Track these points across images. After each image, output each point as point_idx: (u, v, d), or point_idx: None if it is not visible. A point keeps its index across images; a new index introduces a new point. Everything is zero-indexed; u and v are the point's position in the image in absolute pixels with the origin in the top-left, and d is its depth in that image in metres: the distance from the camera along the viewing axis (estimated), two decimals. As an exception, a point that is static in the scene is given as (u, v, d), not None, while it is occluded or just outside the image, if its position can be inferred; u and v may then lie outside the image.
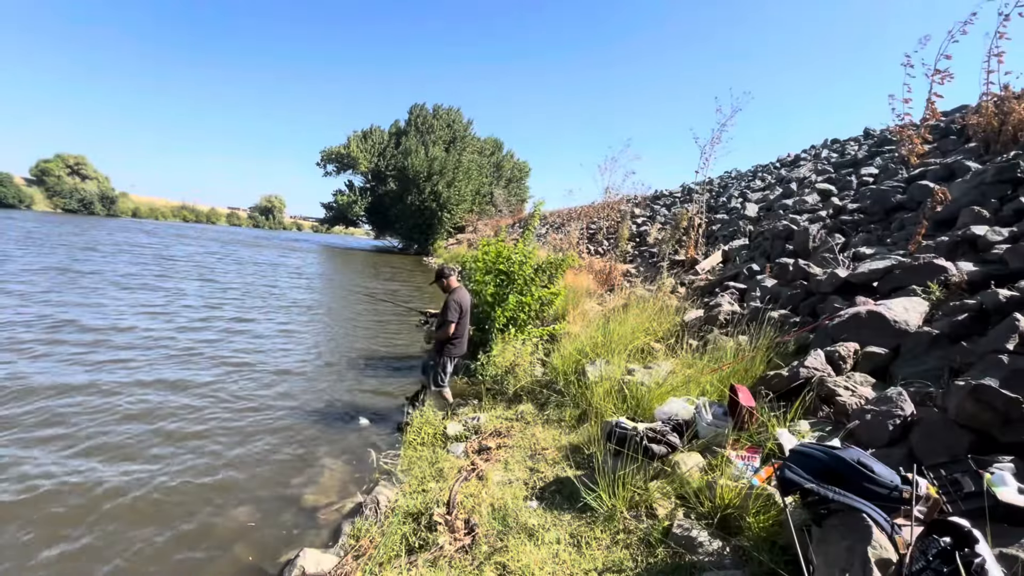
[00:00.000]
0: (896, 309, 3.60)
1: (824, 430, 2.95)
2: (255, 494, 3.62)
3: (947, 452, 2.28)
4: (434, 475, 3.70)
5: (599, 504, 2.82)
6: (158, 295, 10.60)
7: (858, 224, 6.46)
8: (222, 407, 5.03)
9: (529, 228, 8.15)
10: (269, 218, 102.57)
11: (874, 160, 9.21)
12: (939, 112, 7.21)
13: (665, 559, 2.37)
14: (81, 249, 17.72)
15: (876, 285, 4.42)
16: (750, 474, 2.58)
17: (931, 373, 2.99)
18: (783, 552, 2.16)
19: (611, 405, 4.07)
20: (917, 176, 6.56)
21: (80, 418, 4.46)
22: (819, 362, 3.49)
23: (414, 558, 2.71)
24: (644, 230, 14.64)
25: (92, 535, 3.02)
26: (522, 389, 5.42)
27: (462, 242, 33.39)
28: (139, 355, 6.33)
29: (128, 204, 71.54)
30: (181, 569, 2.84)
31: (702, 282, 7.84)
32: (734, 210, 12.05)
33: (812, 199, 8.47)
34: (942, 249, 4.39)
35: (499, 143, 51.58)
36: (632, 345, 5.31)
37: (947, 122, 8.55)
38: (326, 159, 43.83)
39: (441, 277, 5.21)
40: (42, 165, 61.21)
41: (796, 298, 5.11)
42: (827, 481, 1.99)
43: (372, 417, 5.16)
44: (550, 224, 23.54)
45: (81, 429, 4.28)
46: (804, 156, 15.33)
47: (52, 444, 3.98)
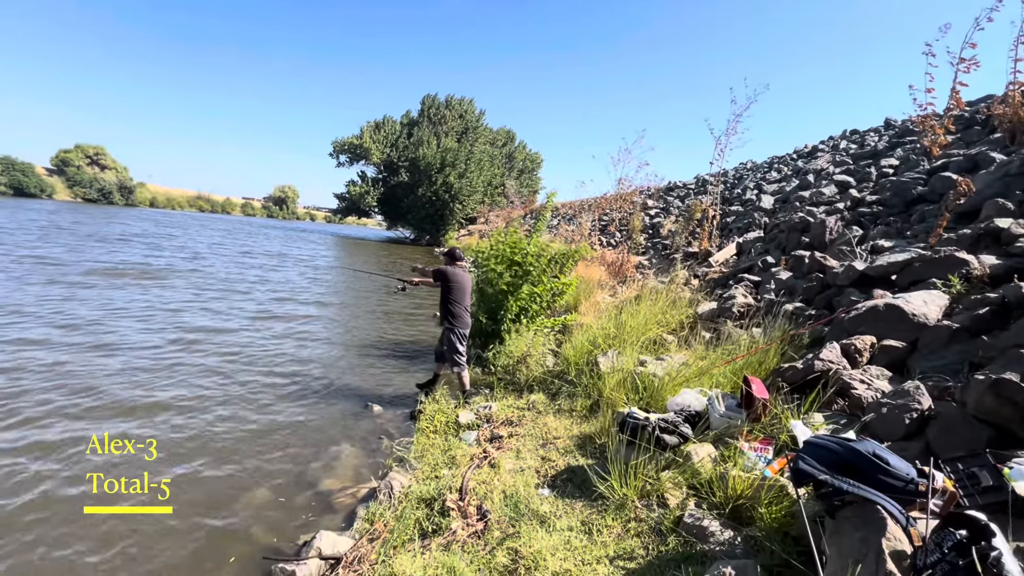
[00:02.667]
0: (915, 302, 3.54)
1: (839, 423, 2.93)
2: (272, 478, 3.69)
3: (965, 447, 2.26)
4: (447, 462, 3.75)
5: (611, 493, 2.84)
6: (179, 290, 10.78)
7: (877, 216, 6.35)
8: (237, 394, 5.12)
9: (541, 219, 8.13)
10: (283, 208, 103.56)
11: (895, 151, 9.02)
12: (963, 102, 7.01)
13: (676, 548, 2.39)
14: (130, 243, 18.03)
15: (894, 278, 4.35)
16: (763, 465, 2.58)
17: (950, 367, 2.95)
18: (795, 543, 2.16)
19: (623, 396, 4.07)
20: (939, 167, 6.42)
21: (102, 411, 4.58)
22: (834, 355, 3.45)
23: (427, 542, 2.76)
24: (657, 222, 14.52)
25: (112, 517, 3.12)
26: (534, 379, 5.44)
27: (473, 233, 33.41)
28: (151, 346, 6.47)
29: (146, 194, 72.74)
30: (202, 548, 2.92)
31: (715, 274, 7.77)
32: (749, 202, 11.90)
33: (829, 191, 8.33)
34: (964, 242, 4.30)
35: (511, 134, 51.33)
36: (644, 336, 5.30)
37: (972, 112, 8.33)
38: (339, 149, 43.98)
39: (448, 256, 5.38)
40: (63, 155, 62.38)
41: (811, 291, 5.05)
42: (841, 473, 1.98)
43: (385, 404, 5.22)
44: (562, 215, 23.46)
45: (100, 425, 4.39)
46: (822, 147, 15.05)
47: (54, 453, 4.08)
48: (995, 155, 5.69)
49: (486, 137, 47.50)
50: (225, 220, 56.11)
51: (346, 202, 44.92)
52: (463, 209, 38.86)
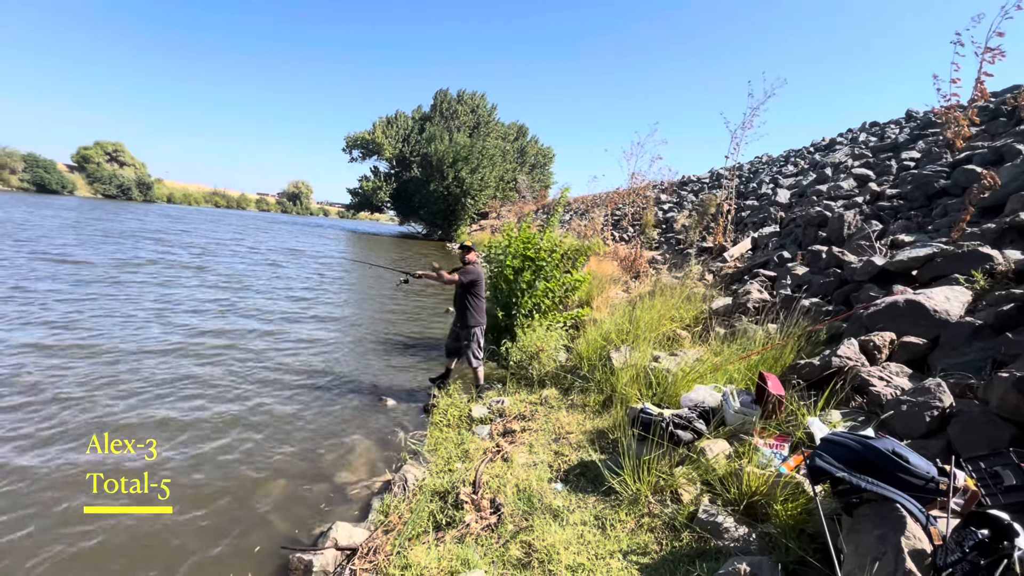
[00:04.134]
0: (936, 298, 3.48)
1: (856, 420, 2.89)
2: (289, 471, 3.76)
3: (987, 445, 2.22)
4: (460, 456, 3.78)
5: (624, 488, 2.84)
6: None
7: (897, 210, 6.22)
8: (252, 390, 5.20)
9: (554, 215, 8.10)
10: (296, 204, 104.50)
11: (916, 144, 8.82)
12: (988, 92, 6.83)
13: (690, 543, 2.38)
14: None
15: (915, 274, 4.27)
16: (778, 462, 2.56)
17: (972, 365, 2.89)
18: (811, 540, 2.15)
19: (636, 391, 4.06)
20: (963, 160, 6.26)
21: (118, 403, 4.69)
22: (852, 351, 3.40)
23: (441, 534, 2.78)
24: (671, 216, 14.39)
25: (135, 502, 3.20)
26: (546, 374, 5.44)
27: (485, 228, 33.40)
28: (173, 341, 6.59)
29: (163, 190, 73.92)
30: (220, 537, 2.98)
31: (730, 269, 7.69)
32: (764, 196, 11.73)
33: (848, 184, 8.18)
34: (988, 237, 4.20)
35: (523, 128, 51.13)
36: (658, 332, 5.27)
37: (997, 103, 8.10)
38: (351, 145, 44.18)
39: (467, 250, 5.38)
40: (83, 152, 63.61)
41: (829, 286, 4.98)
42: (859, 470, 1.96)
43: (398, 398, 5.27)
44: (574, 210, 23.35)
45: (118, 416, 4.50)
46: (840, 140, 14.77)
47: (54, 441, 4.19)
48: (1021, 147, 5.54)
49: (498, 132, 47.36)
50: (240, 215, 56.78)
51: (359, 197, 45.14)
52: (475, 204, 38.85)
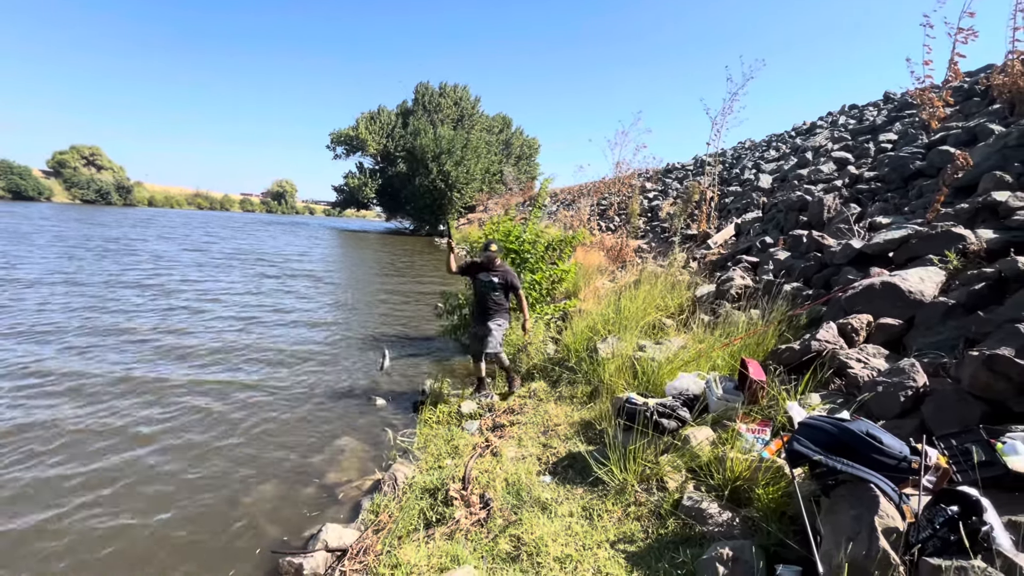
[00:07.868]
0: (911, 279, 3.54)
1: (835, 403, 2.95)
2: (278, 472, 3.75)
3: (959, 423, 2.27)
4: (449, 452, 3.80)
5: (610, 478, 2.88)
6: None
7: (875, 193, 6.30)
8: (240, 392, 5.17)
9: (537, 206, 8.10)
10: (281, 203, 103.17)
11: (893, 126, 8.92)
12: (962, 73, 6.91)
13: (675, 530, 2.42)
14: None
15: (892, 255, 4.33)
16: (760, 447, 2.61)
17: (946, 344, 2.95)
18: (792, 522, 2.19)
19: (622, 381, 4.10)
20: (938, 141, 6.35)
21: (110, 401, 4.63)
22: (831, 334, 3.46)
23: (431, 531, 2.80)
24: (656, 204, 14.46)
25: (127, 508, 3.17)
26: (535, 367, 5.47)
27: (472, 222, 33.29)
28: (159, 339, 6.51)
29: (144, 193, 72.52)
30: (210, 541, 2.97)
31: (714, 256, 7.76)
32: (747, 182, 11.82)
33: (828, 168, 8.27)
34: (961, 217, 4.27)
35: (508, 120, 50.85)
36: (644, 321, 5.31)
37: (971, 83, 8.21)
38: (335, 141, 43.69)
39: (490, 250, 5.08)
40: (58, 157, 62.12)
41: (810, 270, 5.04)
42: (836, 453, 2.01)
43: (387, 397, 5.27)
44: (560, 201, 23.36)
45: (110, 423, 4.45)
46: (820, 124, 14.90)
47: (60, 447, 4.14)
48: (994, 127, 5.62)
49: (482, 124, 47.07)
50: (224, 217, 56.01)
51: (344, 194, 44.73)
52: (461, 198, 38.64)
